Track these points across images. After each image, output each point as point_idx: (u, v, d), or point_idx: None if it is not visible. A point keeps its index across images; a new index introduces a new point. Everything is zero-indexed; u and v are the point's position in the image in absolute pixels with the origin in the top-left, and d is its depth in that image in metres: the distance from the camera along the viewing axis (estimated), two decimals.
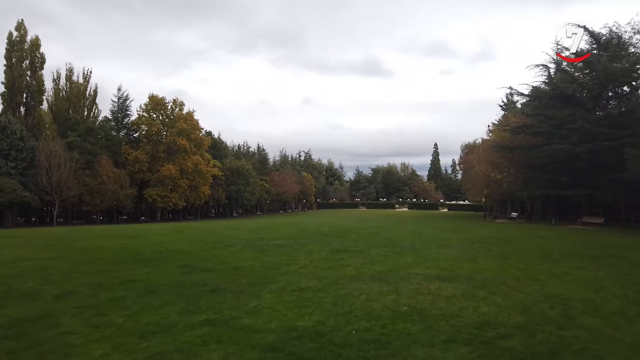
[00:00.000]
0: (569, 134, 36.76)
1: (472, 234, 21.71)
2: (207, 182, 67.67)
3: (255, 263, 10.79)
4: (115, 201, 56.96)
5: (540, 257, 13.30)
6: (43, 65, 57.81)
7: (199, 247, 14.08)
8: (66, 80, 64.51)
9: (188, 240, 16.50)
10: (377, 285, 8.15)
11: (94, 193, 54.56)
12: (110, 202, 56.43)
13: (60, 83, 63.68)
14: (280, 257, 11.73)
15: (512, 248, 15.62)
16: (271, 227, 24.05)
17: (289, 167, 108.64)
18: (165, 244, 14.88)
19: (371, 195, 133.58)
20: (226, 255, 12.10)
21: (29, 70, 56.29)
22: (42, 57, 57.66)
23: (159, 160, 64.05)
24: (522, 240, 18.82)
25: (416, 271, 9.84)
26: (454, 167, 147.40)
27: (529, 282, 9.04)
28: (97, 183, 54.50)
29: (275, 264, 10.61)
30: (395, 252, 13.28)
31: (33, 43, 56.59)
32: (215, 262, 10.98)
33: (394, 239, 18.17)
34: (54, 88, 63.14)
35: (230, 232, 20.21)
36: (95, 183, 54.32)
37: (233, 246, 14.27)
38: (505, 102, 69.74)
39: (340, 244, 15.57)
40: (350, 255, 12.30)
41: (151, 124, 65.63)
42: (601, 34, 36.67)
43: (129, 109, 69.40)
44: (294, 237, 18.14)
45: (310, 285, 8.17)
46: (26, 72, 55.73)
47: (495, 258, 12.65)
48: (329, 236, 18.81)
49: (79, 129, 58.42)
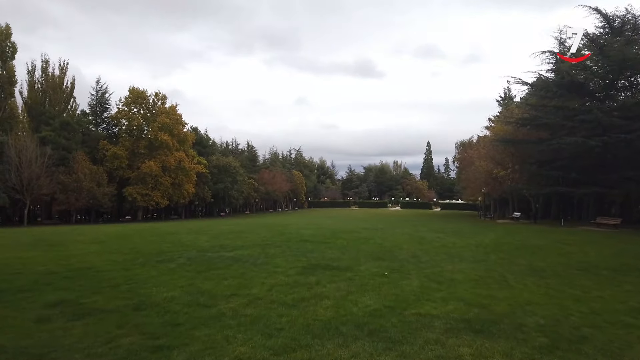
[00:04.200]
0: (580, 126, 33.53)
1: (481, 239, 18.19)
2: (191, 179, 64.19)
3: (181, 295, 7.10)
4: (92, 200, 53.44)
5: (587, 276, 9.88)
6: (14, 54, 53.72)
7: (121, 263, 10.42)
8: (42, 72, 60.56)
9: (119, 251, 12.65)
10: (368, 350, 4.61)
11: (69, 191, 51.29)
12: (86, 200, 52.94)
13: (35, 75, 59.71)
14: (227, 282, 8.13)
15: (541, 260, 12.13)
16: (244, 231, 20.27)
17: (279, 165, 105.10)
18: (79, 257, 11.23)
19: (363, 194, 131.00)
20: (147, 279, 8.44)
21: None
22: (14, 47, 53.54)
23: (140, 156, 60.55)
24: (545, 249, 15.33)
25: (430, 309, 6.26)
26: (447, 166, 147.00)
27: (611, 328, 5.62)
28: (72, 180, 51.22)
29: (211, 297, 6.97)
30: (393, 270, 9.68)
31: (3, 31, 52.45)
32: (114, 293, 7.34)
33: (390, 246, 14.58)
34: (28, 80, 59.14)
35: (189, 238, 16.38)
36: (69, 181, 51.01)
37: (172, 261, 10.51)
38: (502, 97, 66.99)
39: (321, 254, 11.98)
40: (331, 276, 8.71)
41: (132, 118, 61.99)
42: (615, 16, 33.41)
43: (108, 103, 65.93)
44: (266, 244, 14.47)
45: (244, 353, 4.50)
46: None
47: (531, 278, 9.14)
48: (310, 242, 15.18)
49: (53, 123, 54.68)
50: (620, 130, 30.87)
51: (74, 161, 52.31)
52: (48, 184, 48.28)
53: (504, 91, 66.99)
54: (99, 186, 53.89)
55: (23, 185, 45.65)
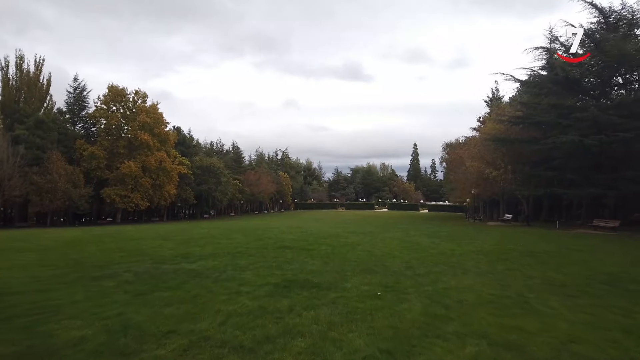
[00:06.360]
0: (575, 124, 32.23)
1: (480, 245, 16.49)
2: (172, 180, 62.02)
3: (96, 334, 4.93)
4: (67, 201, 51.03)
5: (617, 292, 8.21)
6: None
7: (44, 281, 8.14)
8: (16, 69, 57.81)
9: (55, 263, 10.31)
10: None
11: (43, 192, 48.91)
12: (61, 202, 50.66)
13: (9, 72, 56.89)
14: (170, 310, 6.00)
15: (556, 271, 10.43)
16: (219, 235, 18.26)
17: (265, 166, 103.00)
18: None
19: (350, 196, 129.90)
20: (62, 307, 6.11)
21: None
22: None
23: (119, 156, 58.23)
24: (554, 256, 13.70)
25: (443, 354, 4.44)
26: (434, 168, 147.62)
27: None
28: (46, 181, 48.74)
29: (138, 336, 4.85)
30: (387, 287, 7.80)
31: None
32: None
33: (381, 254, 12.75)
34: (1, 77, 56.34)
35: (153, 245, 14.26)
36: (43, 181, 48.52)
37: (114, 277, 8.31)
38: (490, 97, 66.05)
39: (300, 266, 10.10)
40: (309, 298, 6.79)
41: (110, 117, 59.53)
42: (611, 11, 32.24)
43: (86, 101, 63.51)
44: (237, 252, 12.51)
45: None
46: None
47: (556, 298, 7.40)
48: (290, 249, 13.30)
49: (27, 121, 52.11)
50: (616, 128, 29.65)
51: (48, 161, 50.02)
52: (21, 185, 45.94)
53: (491, 91, 66.28)
54: (75, 187, 51.73)
55: None
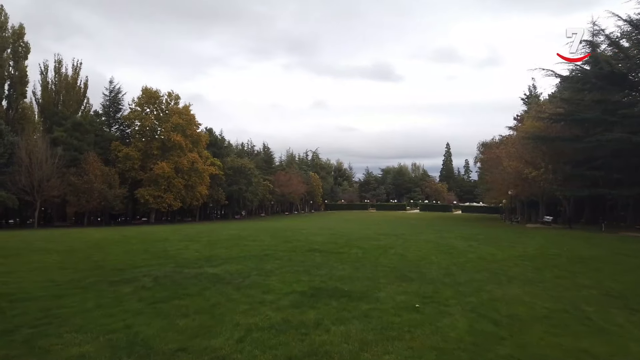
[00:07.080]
0: (621, 121, 30.27)
1: (523, 249, 15.36)
2: (204, 181, 62.63)
3: (98, 351, 4.40)
4: (103, 202, 52.21)
5: None
6: (27, 54, 53.59)
7: (60, 285, 7.74)
8: (55, 73, 60.08)
9: (76, 265, 9.98)
10: None
11: (80, 193, 50.29)
12: (97, 202, 51.81)
13: (48, 75, 59.23)
14: (185, 322, 5.43)
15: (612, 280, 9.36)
16: (247, 236, 17.79)
17: (295, 167, 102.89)
18: (16, 275, 8.72)
19: (381, 197, 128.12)
20: (71, 315, 5.75)
21: (10, 59, 51.70)
22: (27, 46, 53.38)
23: (153, 157, 59.23)
24: (606, 262, 12.49)
25: None
26: (467, 168, 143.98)
27: None
28: (83, 182, 50.03)
29: (144, 355, 4.30)
30: (425, 297, 7.04)
31: (16, 31, 51.92)
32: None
33: (415, 259, 11.93)
34: (41, 80, 58.74)
35: (178, 247, 13.84)
36: (80, 182, 49.81)
37: (131, 282, 7.85)
38: (527, 95, 63.70)
39: (330, 271, 9.44)
40: (339, 309, 6.10)
41: (144, 119, 60.67)
42: None
43: (121, 103, 65.28)
44: (264, 255, 12.02)
45: None
46: (7, 61, 51.04)
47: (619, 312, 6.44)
48: (319, 253, 12.67)
49: (65, 123, 53.88)
50: None
51: (85, 162, 51.38)
52: (59, 186, 47.38)
53: (528, 89, 63.97)
54: (111, 188, 52.85)
55: (33, 187, 44.62)
